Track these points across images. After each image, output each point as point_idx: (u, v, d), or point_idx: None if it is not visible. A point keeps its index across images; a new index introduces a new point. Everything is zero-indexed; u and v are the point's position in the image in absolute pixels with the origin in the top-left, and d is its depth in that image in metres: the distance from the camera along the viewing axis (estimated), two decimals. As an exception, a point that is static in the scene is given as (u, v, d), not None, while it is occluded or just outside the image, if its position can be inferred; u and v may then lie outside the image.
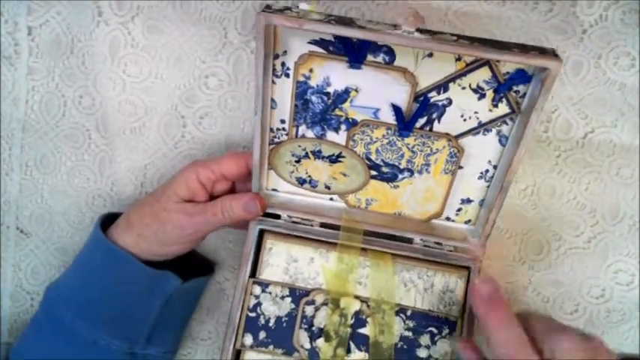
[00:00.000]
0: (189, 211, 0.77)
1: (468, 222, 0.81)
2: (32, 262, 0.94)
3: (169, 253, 0.80)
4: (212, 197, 0.81)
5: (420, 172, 0.76)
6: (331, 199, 0.82)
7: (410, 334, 0.79)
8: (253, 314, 0.80)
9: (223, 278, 0.92)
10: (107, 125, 0.88)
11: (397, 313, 0.79)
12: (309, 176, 0.80)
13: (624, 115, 0.81)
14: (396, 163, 0.76)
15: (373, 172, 0.78)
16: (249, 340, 0.79)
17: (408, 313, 0.79)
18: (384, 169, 0.77)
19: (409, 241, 0.80)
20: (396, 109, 0.70)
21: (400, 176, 0.77)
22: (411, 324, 0.79)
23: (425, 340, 0.79)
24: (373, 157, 0.76)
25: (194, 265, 0.88)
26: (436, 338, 0.79)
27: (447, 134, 0.72)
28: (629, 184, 0.83)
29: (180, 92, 0.86)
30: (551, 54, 0.61)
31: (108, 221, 0.83)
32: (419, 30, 0.61)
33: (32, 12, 0.85)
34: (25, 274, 0.95)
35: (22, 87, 0.87)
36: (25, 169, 0.91)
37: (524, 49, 0.61)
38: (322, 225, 0.80)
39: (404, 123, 0.71)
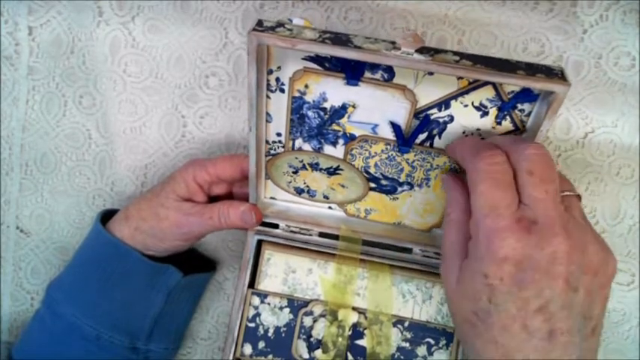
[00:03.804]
0: (186, 210, 0.77)
1: None
2: (32, 261, 0.95)
3: (165, 249, 0.80)
4: (210, 198, 0.81)
5: (420, 186, 0.76)
6: (330, 207, 0.82)
7: (407, 345, 0.79)
8: (252, 324, 0.80)
9: (223, 278, 0.92)
10: (107, 125, 0.88)
11: (395, 325, 0.79)
12: (307, 186, 0.79)
13: (625, 115, 0.81)
14: (396, 177, 0.75)
15: (372, 185, 0.77)
16: (248, 349, 0.80)
17: (406, 324, 0.79)
18: (384, 182, 0.76)
19: (408, 251, 0.80)
20: (396, 127, 0.69)
21: (400, 189, 0.76)
22: (408, 335, 0.79)
23: (422, 351, 0.79)
24: (372, 170, 0.75)
25: (196, 263, 0.88)
26: (433, 349, 0.79)
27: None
28: (630, 184, 0.83)
29: (180, 92, 0.86)
30: (559, 76, 0.59)
31: (107, 217, 0.83)
32: (419, 50, 0.58)
33: (33, 12, 0.85)
34: (25, 273, 0.95)
35: (23, 87, 0.88)
36: (26, 169, 0.91)
37: (529, 70, 0.59)
38: (321, 234, 0.80)
39: (403, 140, 0.70)
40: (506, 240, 0.56)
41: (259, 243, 0.81)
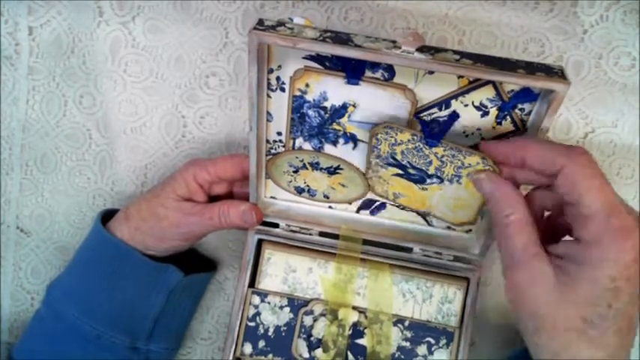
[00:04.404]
0: (186, 210, 0.77)
1: (468, 231, 0.80)
2: (32, 261, 0.94)
3: (165, 249, 0.80)
4: (210, 198, 0.81)
5: (450, 182, 0.72)
6: (330, 207, 0.82)
7: (407, 344, 0.79)
8: (252, 324, 0.80)
9: (223, 277, 0.92)
10: (108, 125, 0.88)
11: (395, 324, 0.79)
12: (308, 186, 0.79)
13: (625, 115, 0.81)
14: (424, 168, 0.72)
15: (399, 171, 0.74)
16: (248, 348, 0.80)
17: (406, 323, 0.79)
18: (411, 171, 0.73)
19: (408, 250, 0.80)
20: (422, 123, 0.68)
21: (428, 181, 0.74)
22: (408, 334, 0.79)
23: (422, 350, 0.79)
24: (399, 157, 0.72)
25: (196, 263, 0.88)
26: (433, 348, 0.79)
27: (482, 152, 0.66)
28: (630, 184, 0.83)
29: (180, 92, 0.86)
30: (559, 75, 0.59)
31: (107, 217, 0.83)
32: (419, 49, 0.58)
33: (33, 12, 0.85)
34: (25, 273, 0.95)
35: (23, 87, 0.88)
36: (26, 169, 0.91)
37: (529, 69, 0.59)
38: (321, 234, 0.80)
39: (430, 133, 0.67)
40: (635, 239, 0.55)
41: (259, 242, 0.81)
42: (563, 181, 0.58)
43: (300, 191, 0.80)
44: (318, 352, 0.79)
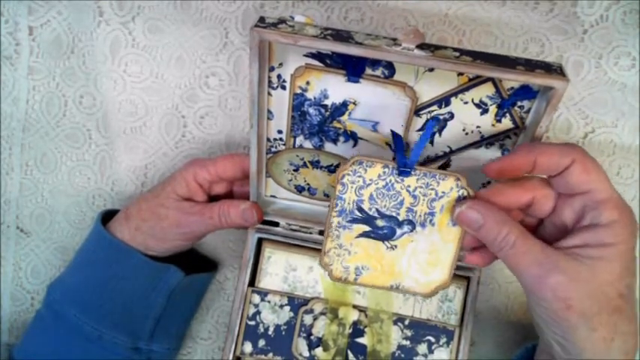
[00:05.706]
0: (186, 209, 0.77)
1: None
2: (32, 261, 0.94)
3: (166, 249, 0.81)
4: (210, 198, 0.81)
5: (422, 225, 0.68)
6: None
7: (407, 343, 0.79)
8: (252, 322, 0.80)
9: (224, 277, 0.92)
10: (108, 125, 0.88)
11: (395, 322, 0.79)
12: (308, 184, 0.79)
13: (625, 116, 0.81)
14: (394, 214, 0.68)
15: (365, 228, 0.70)
16: (248, 347, 0.80)
17: (406, 322, 0.79)
18: (380, 223, 0.69)
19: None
20: (396, 139, 0.66)
21: (399, 231, 0.69)
22: (408, 333, 0.79)
23: (422, 349, 0.79)
24: (366, 206, 0.68)
25: (197, 264, 0.89)
26: (433, 347, 0.79)
27: (456, 173, 0.65)
28: (630, 184, 0.83)
29: (180, 92, 0.86)
30: (558, 72, 0.59)
31: (108, 217, 0.83)
32: (419, 46, 0.59)
33: (33, 12, 0.85)
34: (25, 273, 0.95)
35: (23, 87, 0.88)
36: (26, 169, 0.91)
37: (529, 66, 0.59)
38: (321, 232, 0.80)
39: (404, 156, 0.65)
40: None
41: (260, 241, 0.81)
42: (576, 172, 0.59)
43: (300, 190, 0.80)
44: (318, 351, 0.79)
